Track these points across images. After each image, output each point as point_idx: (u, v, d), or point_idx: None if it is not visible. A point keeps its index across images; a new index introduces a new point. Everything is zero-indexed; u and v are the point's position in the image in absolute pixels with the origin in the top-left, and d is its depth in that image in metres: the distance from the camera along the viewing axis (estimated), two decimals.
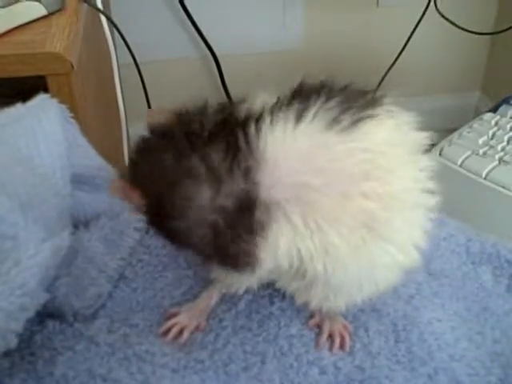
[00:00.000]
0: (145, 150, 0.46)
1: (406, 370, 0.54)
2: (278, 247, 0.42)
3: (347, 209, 0.41)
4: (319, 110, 0.41)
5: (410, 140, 0.45)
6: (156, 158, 0.44)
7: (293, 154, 0.41)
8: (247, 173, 0.41)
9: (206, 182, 0.41)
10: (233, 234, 0.42)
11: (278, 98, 0.43)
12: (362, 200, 0.41)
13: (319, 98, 0.42)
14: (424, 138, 0.46)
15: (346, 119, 0.41)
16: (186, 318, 0.57)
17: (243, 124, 0.42)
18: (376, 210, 0.41)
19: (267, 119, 0.41)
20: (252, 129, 0.41)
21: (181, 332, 0.56)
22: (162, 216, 0.44)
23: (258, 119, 0.41)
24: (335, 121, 0.41)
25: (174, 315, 0.57)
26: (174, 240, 0.47)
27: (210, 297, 0.59)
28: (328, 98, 0.42)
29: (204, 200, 0.41)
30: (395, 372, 0.53)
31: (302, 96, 0.43)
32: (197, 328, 0.57)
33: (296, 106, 0.42)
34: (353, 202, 0.41)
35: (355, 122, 0.41)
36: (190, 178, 0.42)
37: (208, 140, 0.42)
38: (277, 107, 0.42)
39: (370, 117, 0.42)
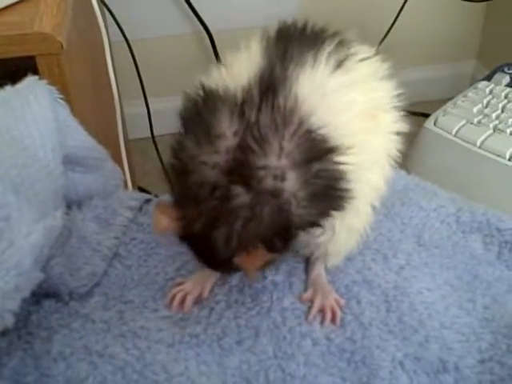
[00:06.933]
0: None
1: (398, 339, 0.55)
2: None
3: None
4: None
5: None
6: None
7: None
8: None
9: None
10: None
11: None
12: None
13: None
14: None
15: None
16: (189, 285, 0.58)
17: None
18: None
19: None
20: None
21: (184, 300, 0.57)
22: None
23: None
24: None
25: (179, 285, 0.59)
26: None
27: None
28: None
29: None
30: (387, 341, 0.54)
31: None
32: (200, 296, 0.58)
33: None
34: None
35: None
36: None
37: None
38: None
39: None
